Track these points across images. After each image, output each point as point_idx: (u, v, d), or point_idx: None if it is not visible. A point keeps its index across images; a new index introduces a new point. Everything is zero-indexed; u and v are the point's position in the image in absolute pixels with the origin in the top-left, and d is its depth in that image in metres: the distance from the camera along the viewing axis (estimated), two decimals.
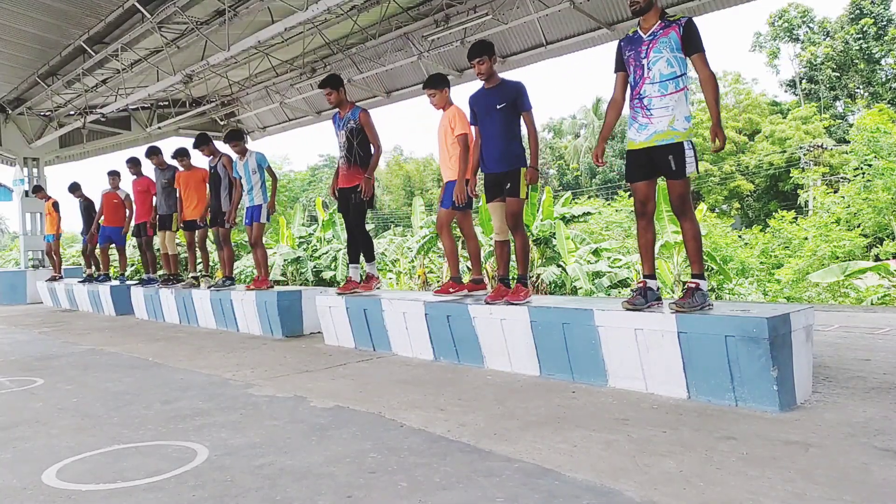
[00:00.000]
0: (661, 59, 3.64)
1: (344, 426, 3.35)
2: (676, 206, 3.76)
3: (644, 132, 3.74)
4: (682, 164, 3.66)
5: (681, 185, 3.70)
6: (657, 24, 3.68)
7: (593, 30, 10.35)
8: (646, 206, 3.86)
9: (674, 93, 3.64)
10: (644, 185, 3.84)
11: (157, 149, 8.99)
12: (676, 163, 3.66)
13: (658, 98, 3.65)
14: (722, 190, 35.27)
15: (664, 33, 3.65)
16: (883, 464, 2.53)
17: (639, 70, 3.74)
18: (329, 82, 5.90)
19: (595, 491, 2.37)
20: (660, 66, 3.64)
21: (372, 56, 12.27)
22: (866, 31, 34.53)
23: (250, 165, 7.32)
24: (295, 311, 6.99)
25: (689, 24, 3.61)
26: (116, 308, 10.00)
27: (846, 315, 6.64)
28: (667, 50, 3.62)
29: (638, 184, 3.84)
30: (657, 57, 3.65)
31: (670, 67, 3.63)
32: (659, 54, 3.64)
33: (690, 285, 3.72)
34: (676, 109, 3.64)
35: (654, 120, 3.69)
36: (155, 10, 9.94)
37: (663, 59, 3.63)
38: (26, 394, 4.51)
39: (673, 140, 3.66)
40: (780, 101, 39.53)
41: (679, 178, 3.69)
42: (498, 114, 4.66)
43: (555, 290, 15.58)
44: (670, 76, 3.64)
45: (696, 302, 3.62)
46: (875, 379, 3.86)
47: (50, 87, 13.11)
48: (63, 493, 2.57)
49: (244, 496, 2.46)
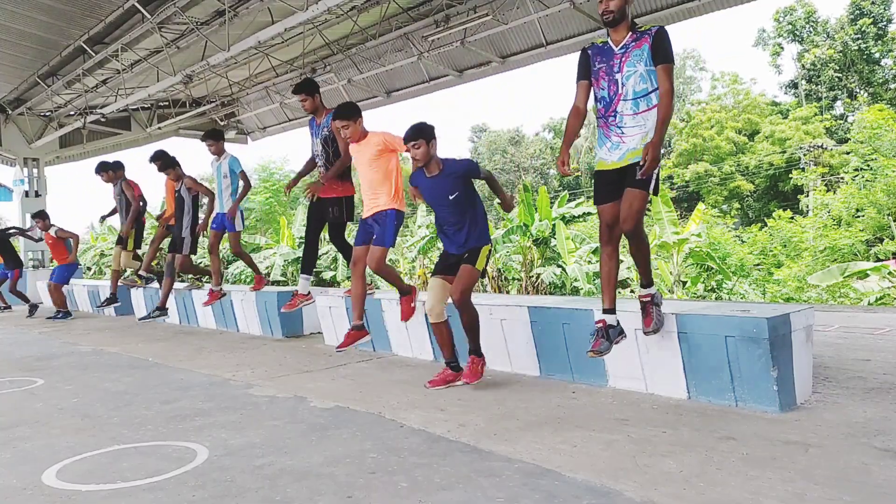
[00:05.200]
0: (634, 73, 3.42)
1: (344, 426, 3.35)
2: (630, 221, 3.40)
3: (617, 151, 3.51)
4: (648, 177, 3.40)
5: (640, 199, 3.40)
6: (629, 37, 3.45)
7: (593, 30, 10.34)
8: (612, 230, 3.54)
9: (647, 110, 3.43)
10: (613, 207, 3.52)
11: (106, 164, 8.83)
12: (643, 173, 3.39)
13: (631, 116, 3.45)
14: (722, 190, 35.26)
15: (636, 45, 3.42)
16: (883, 464, 2.53)
17: (612, 86, 3.49)
18: (304, 88, 5.53)
19: (595, 491, 2.37)
20: (633, 81, 3.43)
21: (372, 56, 12.27)
22: (865, 32, 34.54)
23: (222, 169, 6.99)
24: (295, 312, 6.97)
25: (660, 32, 3.40)
26: (116, 308, 9.99)
27: (846, 315, 6.64)
28: (640, 64, 3.41)
29: (606, 206, 3.54)
30: (630, 72, 3.43)
31: (643, 83, 3.42)
32: (632, 69, 3.42)
33: (644, 299, 3.57)
34: (648, 125, 3.43)
35: (626, 139, 3.48)
36: (155, 10, 9.94)
37: (637, 75, 3.42)
38: (26, 394, 4.51)
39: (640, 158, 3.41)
40: (779, 101, 39.54)
41: (641, 188, 3.39)
42: (451, 204, 4.11)
43: (555, 290, 15.58)
44: (643, 93, 3.43)
45: (659, 318, 3.50)
46: (875, 379, 3.86)
47: (50, 87, 13.10)
48: (63, 493, 2.57)
49: (244, 496, 2.46)
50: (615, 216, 3.51)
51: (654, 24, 4.67)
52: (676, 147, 37.35)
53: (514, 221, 15.81)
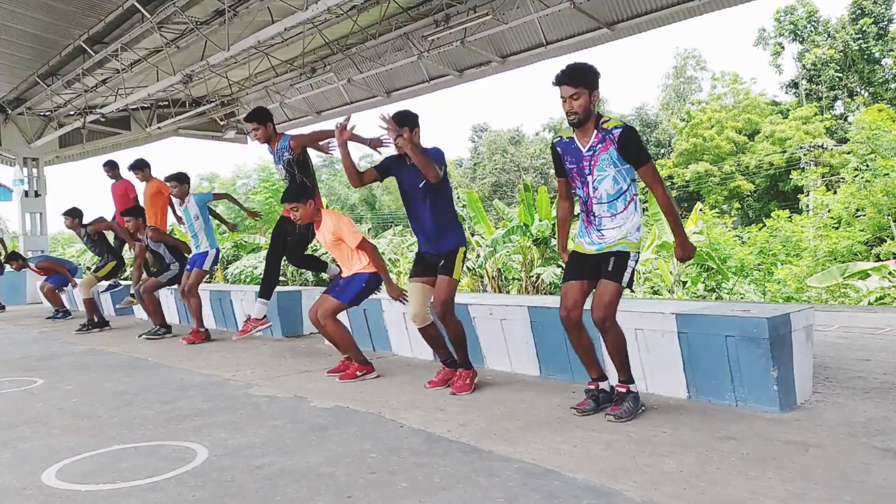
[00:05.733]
0: (605, 177, 3.24)
1: (344, 426, 3.34)
2: (600, 312, 3.22)
3: (594, 247, 3.37)
4: (622, 269, 3.26)
5: (613, 290, 3.22)
6: (595, 137, 3.23)
7: (593, 30, 10.36)
8: (571, 312, 3.31)
9: (623, 210, 3.28)
10: (577, 287, 3.34)
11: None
12: (616, 264, 3.25)
13: (609, 219, 3.30)
14: (722, 190, 35.26)
15: (603, 148, 3.22)
16: (883, 464, 2.53)
17: (585, 188, 3.32)
18: (255, 117, 5.26)
19: (595, 491, 2.36)
20: (606, 185, 3.25)
21: (372, 56, 12.27)
22: (866, 31, 34.54)
23: (191, 211, 6.76)
24: (295, 311, 7.00)
25: (623, 136, 3.17)
26: (116, 308, 9.99)
27: (846, 315, 6.64)
28: (610, 167, 3.22)
29: (572, 283, 3.35)
30: (602, 175, 3.24)
31: (616, 185, 3.24)
32: (603, 172, 3.23)
33: (620, 390, 3.37)
34: (627, 224, 3.28)
35: (604, 239, 3.33)
36: (155, 10, 9.94)
37: (608, 178, 3.23)
38: (26, 394, 4.51)
39: (621, 248, 3.28)
40: (780, 101, 39.53)
41: (614, 280, 3.23)
42: (422, 192, 3.97)
43: (555, 290, 15.57)
44: (618, 193, 3.25)
45: (628, 409, 3.28)
46: (875, 379, 3.86)
47: (50, 87, 13.11)
48: (63, 493, 2.57)
49: (244, 496, 2.46)
50: (577, 299, 3.33)
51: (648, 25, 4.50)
52: (676, 147, 37.35)
53: (514, 221, 15.81)
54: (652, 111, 44.67)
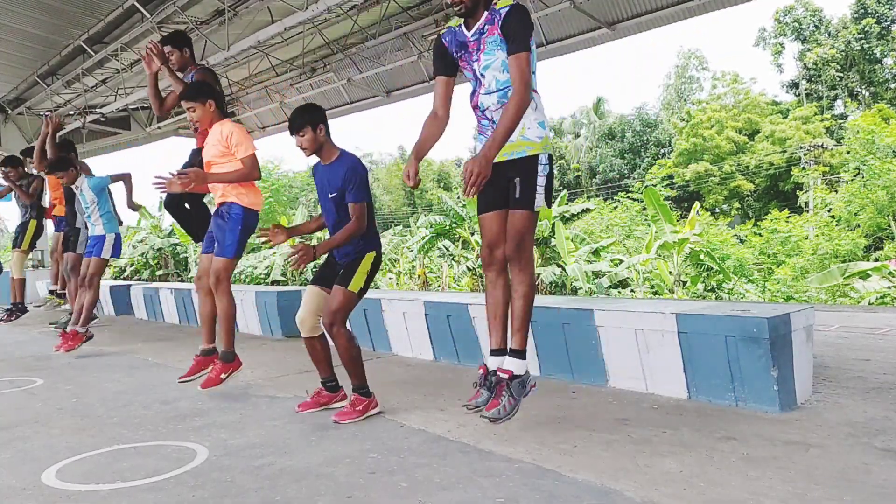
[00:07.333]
0: (493, 63, 2.82)
1: (344, 426, 3.34)
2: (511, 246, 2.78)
3: None
4: (531, 189, 2.78)
5: (523, 220, 2.76)
6: (484, 18, 2.82)
7: (593, 29, 10.34)
8: (493, 251, 2.88)
9: None
10: (492, 219, 2.89)
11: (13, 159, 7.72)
12: (523, 186, 2.77)
13: (498, 111, 2.81)
14: (722, 189, 35.25)
15: (490, 31, 2.79)
16: (883, 464, 2.53)
17: (474, 79, 2.92)
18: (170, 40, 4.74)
19: (595, 491, 2.36)
20: (494, 72, 2.82)
21: (372, 56, 12.26)
22: (868, 31, 34.52)
23: (87, 196, 6.09)
24: (295, 312, 6.92)
25: (509, 13, 2.74)
26: (116, 308, 10.00)
27: (846, 315, 6.64)
28: (499, 51, 2.79)
29: (487, 215, 2.90)
30: (488, 61, 2.82)
31: (507, 71, 2.78)
32: (490, 57, 2.82)
33: (502, 376, 2.78)
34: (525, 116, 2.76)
35: None
36: (154, 9, 9.94)
37: (497, 63, 2.81)
38: (26, 394, 4.50)
39: (524, 153, 2.79)
40: (780, 100, 39.52)
41: (523, 209, 2.76)
42: (331, 203, 3.50)
43: (555, 290, 15.58)
44: (509, 81, 2.77)
45: (509, 405, 2.68)
46: (875, 379, 3.86)
47: (49, 86, 13.11)
48: (63, 493, 2.57)
49: (244, 496, 2.45)
50: (496, 233, 2.87)
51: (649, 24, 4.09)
52: (676, 147, 37.35)
53: None
54: (652, 111, 44.67)
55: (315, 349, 3.63)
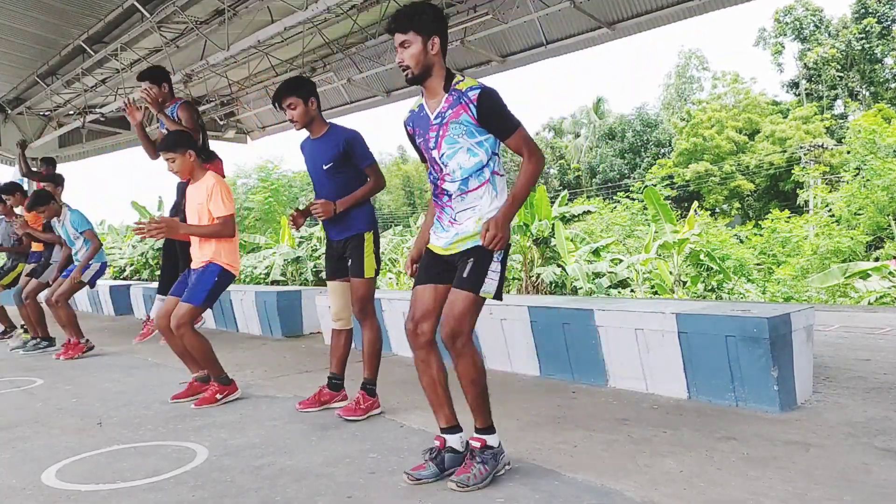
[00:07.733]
0: (458, 150, 2.51)
1: (344, 426, 3.34)
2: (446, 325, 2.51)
3: (444, 235, 2.60)
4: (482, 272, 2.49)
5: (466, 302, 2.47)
6: (444, 101, 2.55)
7: (594, 29, 10.33)
8: (419, 325, 2.59)
9: (477, 188, 2.53)
10: (428, 292, 2.61)
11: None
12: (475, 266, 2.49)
13: (459, 197, 2.55)
14: (722, 189, 35.25)
15: (454, 114, 2.51)
16: (883, 464, 2.53)
17: (436, 166, 2.59)
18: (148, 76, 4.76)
19: (595, 491, 2.36)
20: (458, 159, 2.52)
21: (372, 56, 12.25)
22: (869, 31, 34.52)
23: (69, 231, 6.06)
24: (295, 311, 7.00)
25: (482, 100, 2.47)
26: (116, 308, 10.01)
27: (846, 315, 6.64)
28: (463, 137, 2.49)
29: (420, 287, 2.63)
30: (453, 149, 2.52)
31: (473, 157, 2.51)
32: (454, 145, 2.51)
33: (474, 445, 2.52)
34: (482, 205, 2.52)
35: (458, 225, 2.56)
36: (154, 9, 9.93)
37: (462, 151, 2.51)
38: (26, 394, 4.51)
39: (478, 242, 2.50)
40: (780, 100, 39.52)
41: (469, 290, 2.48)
42: (324, 175, 3.48)
43: (555, 290, 15.58)
44: (475, 168, 2.51)
45: (480, 473, 2.44)
46: (875, 379, 3.86)
47: (49, 86, 13.10)
48: (63, 493, 2.57)
49: (244, 496, 2.45)
50: (427, 306, 2.59)
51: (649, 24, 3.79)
52: (677, 146, 37.35)
53: (514, 221, 15.85)
54: (652, 111, 44.67)
55: (339, 342, 3.74)
